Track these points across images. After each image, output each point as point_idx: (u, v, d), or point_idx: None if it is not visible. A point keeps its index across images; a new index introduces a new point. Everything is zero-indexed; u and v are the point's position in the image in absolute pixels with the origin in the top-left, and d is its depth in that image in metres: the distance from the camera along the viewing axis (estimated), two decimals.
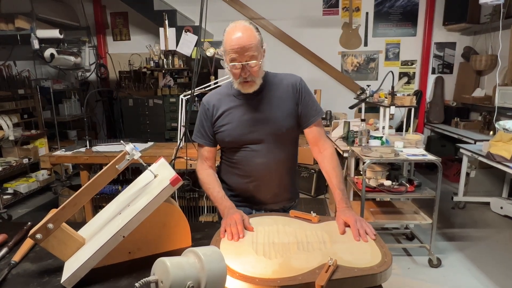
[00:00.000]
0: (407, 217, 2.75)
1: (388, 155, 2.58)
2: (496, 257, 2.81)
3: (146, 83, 4.91)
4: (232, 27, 1.26)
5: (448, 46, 5.04)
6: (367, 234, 1.12)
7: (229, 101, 1.41)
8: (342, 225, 1.18)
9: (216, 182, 1.41)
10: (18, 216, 3.81)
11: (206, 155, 1.46)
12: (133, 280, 0.97)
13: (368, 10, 4.99)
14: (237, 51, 1.23)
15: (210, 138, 1.44)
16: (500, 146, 3.01)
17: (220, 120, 1.41)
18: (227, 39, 1.26)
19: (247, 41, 1.23)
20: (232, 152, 1.43)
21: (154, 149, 2.95)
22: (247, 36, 1.23)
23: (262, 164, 1.40)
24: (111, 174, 1.07)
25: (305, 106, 1.40)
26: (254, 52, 1.25)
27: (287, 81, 1.41)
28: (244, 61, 1.25)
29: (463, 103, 4.84)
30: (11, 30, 4.00)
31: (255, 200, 1.47)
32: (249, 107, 1.38)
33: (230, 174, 1.48)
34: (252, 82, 1.31)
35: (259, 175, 1.42)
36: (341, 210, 1.25)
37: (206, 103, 1.44)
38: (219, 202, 1.33)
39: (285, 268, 0.96)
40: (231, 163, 1.46)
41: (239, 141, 1.39)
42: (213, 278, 0.79)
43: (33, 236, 0.97)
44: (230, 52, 1.25)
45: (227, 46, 1.26)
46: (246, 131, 1.38)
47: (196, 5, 2.11)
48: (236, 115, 1.39)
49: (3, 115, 3.83)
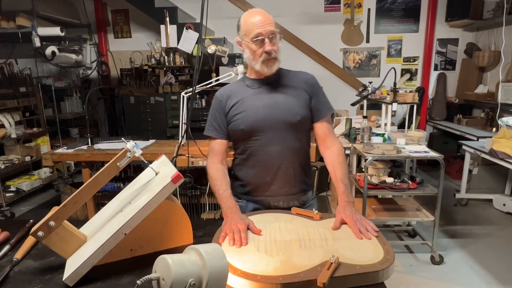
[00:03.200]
0: (409, 214, 2.75)
1: (390, 152, 2.58)
2: (499, 254, 2.81)
3: (147, 81, 4.91)
4: (248, 12, 1.34)
5: (451, 42, 5.01)
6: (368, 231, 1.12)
7: (243, 91, 1.42)
8: (339, 222, 1.18)
9: (224, 179, 1.38)
10: (20, 213, 3.82)
11: (217, 148, 1.45)
12: (135, 277, 0.96)
13: (370, 7, 4.97)
14: (262, 25, 1.29)
15: (222, 130, 1.43)
16: (503, 143, 3.00)
17: (233, 109, 1.40)
18: (247, 20, 1.32)
19: (268, 16, 1.32)
20: (246, 143, 1.42)
21: (156, 147, 2.95)
22: (266, 14, 1.33)
23: (277, 152, 1.38)
24: (112, 171, 1.07)
25: (318, 100, 1.43)
26: (275, 28, 1.32)
27: (300, 75, 1.46)
28: (269, 34, 1.29)
29: (465, 99, 4.82)
30: (12, 28, 4.00)
31: (272, 193, 1.44)
32: (263, 95, 1.40)
33: (246, 168, 1.46)
34: (275, 59, 1.34)
35: (274, 164, 1.40)
36: (341, 206, 1.24)
37: (219, 95, 1.45)
38: (223, 200, 1.30)
39: (287, 265, 0.95)
40: (245, 156, 1.44)
41: (254, 128, 1.38)
42: (215, 275, 0.79)
43: (35, 233, 0.97)
44: (254, 28, 1.29)
45: (249, 26, 1.31)
46: (261, 117, 1.37)
47: (197, 2, 2.10)
48: (250, 102, 1.39)
49: (5, 113, 3.84)
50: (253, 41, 1.30)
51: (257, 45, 1.30)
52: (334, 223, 1.18)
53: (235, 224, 1.13)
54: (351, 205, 1.24)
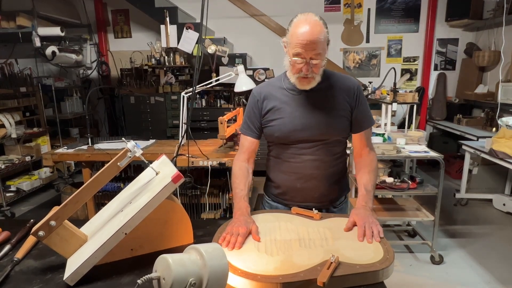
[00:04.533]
0: (409, 214, 2.75)
1: (390, 152, 2.58)
2: (499, 254, 2.81)
3: (147, 81, 4.91)
4: (301, 20, 1.21)
5: (451, 42, 5.01)
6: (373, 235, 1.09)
7: (281, 95, 1.36)
8: (351, 223, 1.15)
9: (244, 178, 1.35)
10: (21, 213, 3.83)
11: (247, 145, 1.42)
12: (135, 277, 0.97)
13: (370, 6, 4.97)
14: (304, 46, 1.19)
15: (255, 129, 1.40)
16: (502, 143, 3.00)
17: (270, 114, 1.36)
18: (294, 32, 1.21)
19: (316, 37, 1.18)
20: (280, 149, 1.39)
21: (156, 147, 2.96)
22: (317, 32, 1.18)
23: (310, 162, 1.35)
24: (112, 171, 1.07)
25: (360, 112, 1.36)
26: (320, 50, 1.21)
27: (344, 83, 1.36)
28: (309, 58, 1.21)
29: (465, 99, 4.82)
30: (12, 28, 4.00)
31: (302, 199, 1.41)
32: (301, 103, 1.33)
33: (278, 172, 1.43)
34: (311, 78, 1.27)
35: (307, 173, 1.37)
36: (357, 208, 1.22)
37: (256, 94, 1.40)
38: (236, 200, 1.28)
39: (287, 265, 0.95)
40: (279, 160, 1.41)
41: (289, 137, 1.34)
42: (215, 275, 0.79)
43: (35, 233, 0.97)
44: (296, 46, 1.20)
45: (293, 39, 1.21)
46: (298, 128, 1.32)
47: (197, 2, 2.11)
48: (287, 110, 1.33)
49: (5, 113, 3.84)
50: (293, 58, 1.24)
51: (296, 63, 1.23)
52: (346, 224, 1.16)
53: (237, 227, 1.12)
54: (367, 209, 1.20)
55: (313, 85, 1.29)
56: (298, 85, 1.30)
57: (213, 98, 4.83)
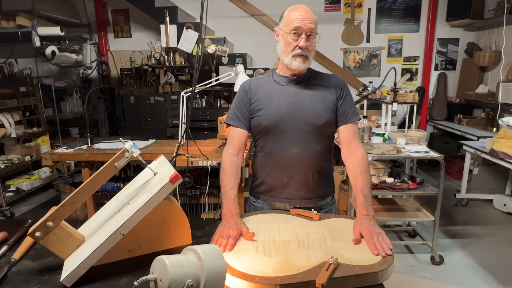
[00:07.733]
0: (409, 214, 2.74)
1: (390, 152, 2.57)
2: (499, 255, 2.80)
3: (147, 80, 4.91)
4: (294, 6, 1.36)
5: (451, 42, 5.00)
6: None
7: (270, 86, 1.41)
8: (358, 234, 1.10)
9: (235, 175, 1.34)
10: (20, 213, 3.82)
11: (236, 137, 1.42)
12: (133, 278, 0.96)
13: (370, 6, 4.96)
14: (302, 20, 1.29)
15: (244, 120, 1.41)
16: (503, 143, 2.99)
17: (258, 103, 1.39)
18: (290, 12, 1.34)
19: (311, 14, 1.33)
20: (266, 141, 1.40)
21: (155, 147, 2.95)
22: (311, 12, 1.34)
23: (297, 154, 1.36)
24: (110, 171, 1.06)
25: (345, 104, 1.40)
26: (314, 27, 1.32)
27: (330, 78, 1.44)
28: (307, 31, 1.30)
29: (466, 99, 4.81)
30: (12, 27, 4.00)
31: (289, 196, 1.41)
32: (289, 94, 1.37)
33: (264, 167, 1.43)
34: (306, 57, 1.32)
35: (294, 167, 1.37)
36: (359, 218, 1.18)
37: (246, 85, 1.45)
38: (226, 201, 1.27)
39: (285, 266, 0.95)
40: (264, 154, 1.42)
41: (276, 127, 1.35)
42: (213, 276, 0.79)
43: (32, 234, 0.96)
44: (294, 22, 1.30)
45: (291, 17, 1.32)
46: (285, 118, 1.35)
47: (197, 1, 2.10)
48: (275, 100, 1.37)
49: (5, 113, 3.84)
50: (290, 33, 1.31)
51: (293, 38, 1.30)
52: (354, 235, 1.10)
53: (228, 229, 1.11)
54: (369, 218, 1.17)
55: (306, 65, 1.35)
56: (293, 63, 1.33)
57: (213, 98, 4.83)
